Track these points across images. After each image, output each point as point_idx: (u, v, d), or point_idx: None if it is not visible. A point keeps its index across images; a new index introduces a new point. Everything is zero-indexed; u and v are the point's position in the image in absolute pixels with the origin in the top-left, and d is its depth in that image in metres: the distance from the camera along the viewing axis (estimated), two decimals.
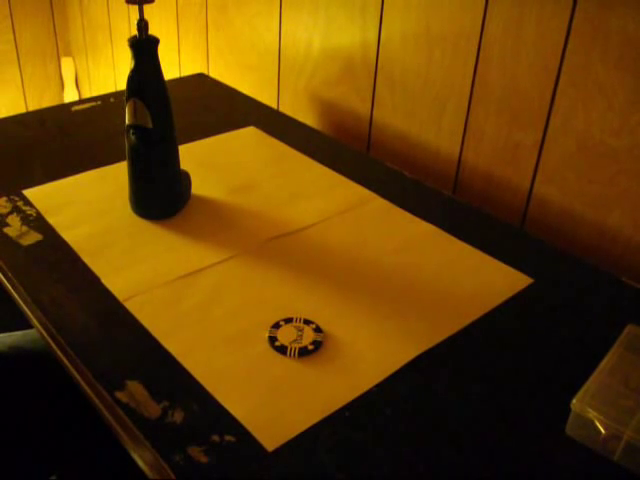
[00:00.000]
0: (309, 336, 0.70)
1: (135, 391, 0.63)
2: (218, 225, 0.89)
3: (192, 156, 1.05)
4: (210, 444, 0.59)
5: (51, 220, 0.88)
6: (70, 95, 2.25)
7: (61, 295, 0.75)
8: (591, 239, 0.95)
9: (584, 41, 0.87)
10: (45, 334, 0.72)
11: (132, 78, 0.82)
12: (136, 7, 0.81)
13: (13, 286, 0.77)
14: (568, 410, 0.61)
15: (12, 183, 0.96)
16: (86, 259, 0.81)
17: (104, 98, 1.25)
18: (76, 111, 1.20)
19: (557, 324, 0.75)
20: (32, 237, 0.84)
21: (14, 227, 0.86)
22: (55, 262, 0.80)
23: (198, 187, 0.96)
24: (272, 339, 0.70)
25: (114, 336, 0.70)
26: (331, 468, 0.57)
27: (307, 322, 0.72)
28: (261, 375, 0.66)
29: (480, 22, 0.98)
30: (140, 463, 0.60)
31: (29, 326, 0.76)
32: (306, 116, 1.33)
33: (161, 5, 1.64)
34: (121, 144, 0.88)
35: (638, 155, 0.87)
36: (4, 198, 0.92)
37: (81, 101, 1.25)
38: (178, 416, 0.61)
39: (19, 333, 0.91)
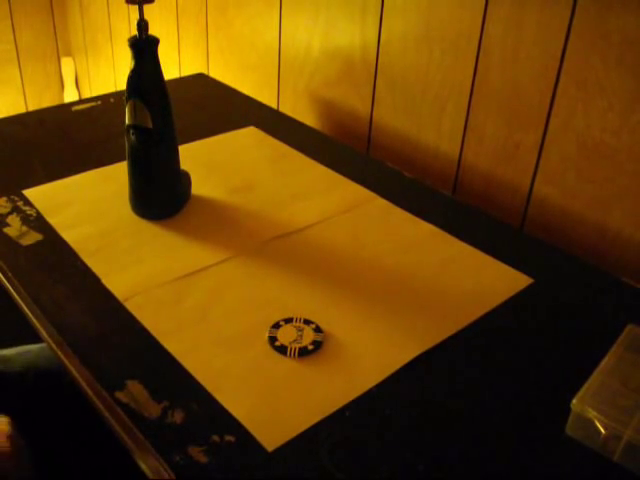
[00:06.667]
0: (309, 336, 0.70)
1: (135, 391, 0.63)
2: (218, 225, 0.89)
3: (192, 156, 1.04)
4: (210, 444, 0.59)
5: (51, 220, 0.88)
6: (70, 95, 2.25)
7: (61, 295, 0.75)
8: (591, 239, 0.95)
9: (584, 41, 0.87)
10: (45, 334, 0.72)
11: (132, 78, 0.82)
12: (136, 7, 0.81)
13: (13, 286, 0.77)
14: (568, 410, 0.61)
15: (12, 183, 0.96)
16: (86, 259, 0.81)
17: (104, 98, 1.25)
18: (76, 111, 1.20)
19: (557, 324, 0.75)
20: (32, 237, 0.84)
21: (14, 227, 0.86)
22: (55, 262, 0.80)
23: (198, 187, 0.96)
24: (272, 339, 0.70)
25: (114, 336, 0.70)
26: (331, 468, 0.57)
27: (307, 322, 0.72)
28: (261, 375, 0.66)
29: (480, 22, 0.98)
30: (140, 463, 0.60)
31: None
32: (306, 116, 1.33)
33: (161, 5, 1.64)
34: (121, 144, 0.88)
35: (638, 155, 0.87)
36: (4, 198, 0.92)
37: (81, 101, 1.25)
38: (178, 416, 0.61)
39: (35, 349, 0.91)
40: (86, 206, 0.91)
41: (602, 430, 0.59)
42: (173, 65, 1.69)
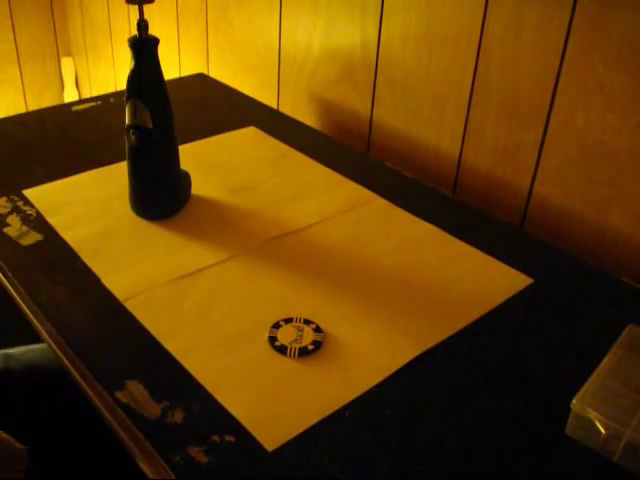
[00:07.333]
0: (309, 336, 0.70)
1: (135, 391, 0.63)
2: (218, 225, 0.89)
3: (192, 156, 1.05)
4: (210, 444, 0.59)
5: (51, 220, 0.88)
6: (70, 95, 2.25)
7: (61, 295, 0.75)
8: (591, 239, 0.95)
9: (584, 41, 0.87)
10: (45, 334, 0.72)
11: (132, 78, 0.82)
12: (136, 7, 0.81)
13: (13, 286, 0.77)
14: (568, 410, 0.61)
15: (12, 183, 0.96)
16: (86, 259, 0.81)
17: (104, 98, 1.25)
18: (76, 111, 1.20)
19: (557, 324, 0.75)
20: (32, 237, 0.84)
21: (14, 227, 0.86)
22: (55, 262, 0.80)
23: (198, 187, 0.96)
24: (272, 339, 0.70)
25: (114, 336, 0.70)
26: (331, 468, 0.57)
27: (307, 322, 0.72)
28: (261, 375, 0.66)
29: (480, 22, 0.98)
30: (140, 463, 0.60)
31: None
32: (306, 116, 1.33)
33: (161, 5, 1.64)
34: (121, 144, 0.88)
35: (638, 155, 0.87)
36: (4, 198, 0.92)
37: (81, 101, 1.25)
38: (178, 416, 0.61)
39: (38, 348, 0.91)
40: (86, 206, 0.91)
41: (602, 430, 0.59)
42: (173, 65, 1.69)
